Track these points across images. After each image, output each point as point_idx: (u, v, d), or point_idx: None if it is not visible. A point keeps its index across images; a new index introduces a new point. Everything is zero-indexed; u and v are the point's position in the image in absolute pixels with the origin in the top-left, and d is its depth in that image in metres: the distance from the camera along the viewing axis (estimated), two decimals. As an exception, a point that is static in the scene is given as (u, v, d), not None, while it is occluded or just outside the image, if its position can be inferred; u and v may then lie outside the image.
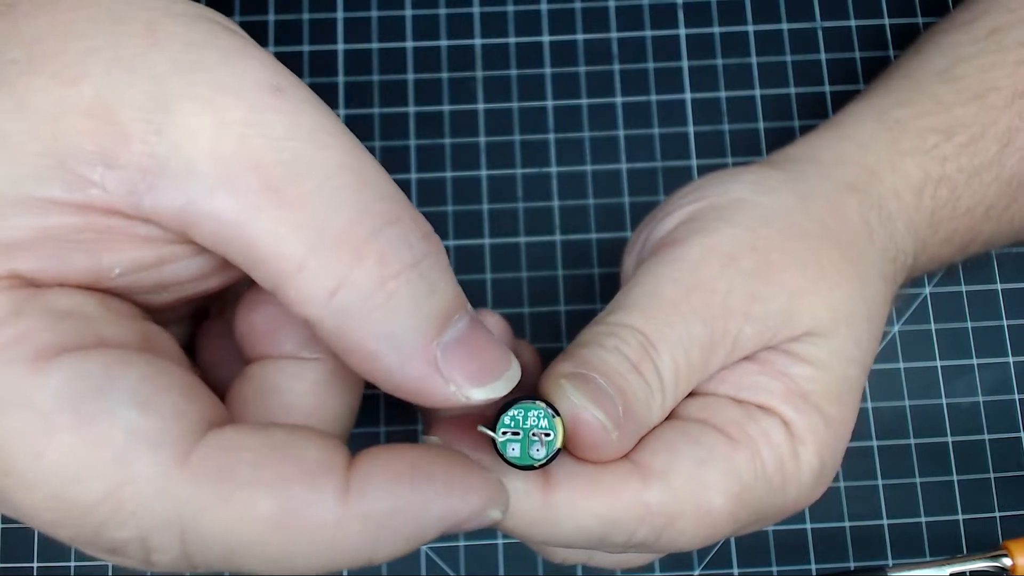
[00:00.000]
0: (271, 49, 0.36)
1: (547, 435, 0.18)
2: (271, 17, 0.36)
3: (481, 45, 0.36)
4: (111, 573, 0.31)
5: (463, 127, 0.35)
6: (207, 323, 0.20)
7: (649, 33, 0.36)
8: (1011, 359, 0.33)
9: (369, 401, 0.33)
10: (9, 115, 0.14)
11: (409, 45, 0.36)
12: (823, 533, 0.32)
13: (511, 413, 0.17)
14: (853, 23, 0.37)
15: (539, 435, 0.17)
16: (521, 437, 0.17)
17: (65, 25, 0.14)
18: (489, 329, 0.16)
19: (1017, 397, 0.33)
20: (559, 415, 0.18)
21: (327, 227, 0.14)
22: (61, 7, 0.14)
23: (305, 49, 0.36)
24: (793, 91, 0.36)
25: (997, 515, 0.32)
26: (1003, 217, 0.27)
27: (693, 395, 0.21)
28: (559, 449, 0.18)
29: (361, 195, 0.15)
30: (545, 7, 0.37)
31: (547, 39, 0.36)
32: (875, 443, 0.33)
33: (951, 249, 0.27)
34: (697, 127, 0.36)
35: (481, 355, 0.16)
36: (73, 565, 0.31)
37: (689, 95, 0.36)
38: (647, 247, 0.24)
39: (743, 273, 0.21)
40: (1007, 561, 0.29)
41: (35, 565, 0.31)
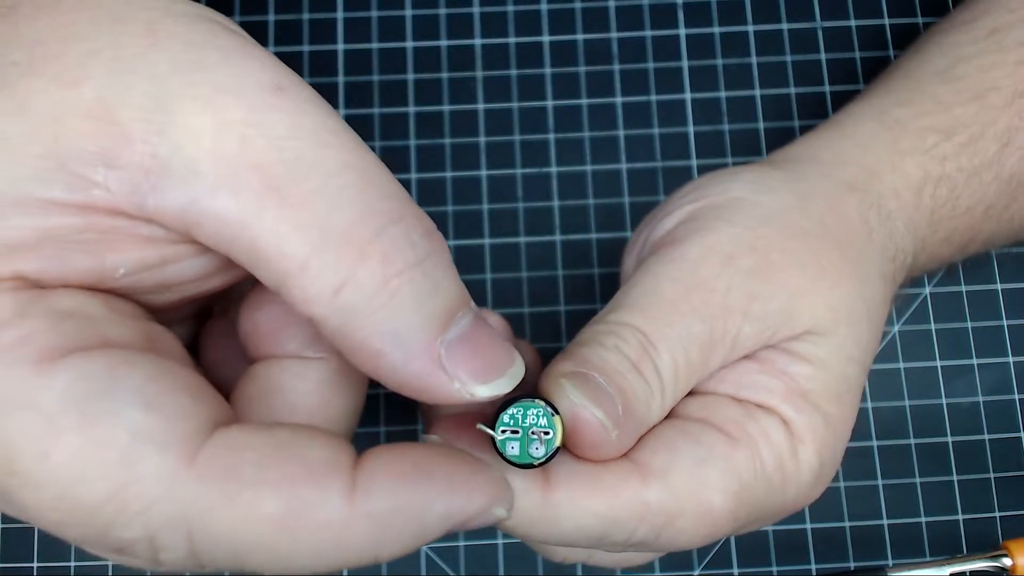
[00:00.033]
0: (271, 49, 0.36)
1: (546, 434, 0.18)
2: (271, 17, 0.36)
3: (481, 45, 0.36)
4: (111, 573, 0.31)
5: (463, 127, 0.35)
6: (211, 322, 0.20)
7: (649, 33, 0.36)
8: (1011, 359, 0.33)
9: (370, 401, 0.33)
10: (10, 117, 0.14)
11: (409, 45, 0.36)
12: (823, 533, 0.32)
13: (510, 411, 0.17)
14: (853, 23, 0.37)
15: (538, 434, 0.18)
16: (520, 436, 0.17)
17: (66, 27, 0.14)
18: (492, 326, 0.16)
19: (1017, 397, 0.33)
20: (558, 414, 0.18)
21: (330, 226, 0.14)
22: (62, 9, 0.14)
23: (305, 49, 0.36)
24: (793, 91, 0.36)
25: (997, 515, 0.32)
26: (1003, 216, 0.27)
27: (693, 394, 0.21)
28: (558, 448, 0.18)
29: (364, 194, 0.15)
30: (545, 7, 0.37)
31: (547, 39, 0.36)
32: (875, 443, 0.33)
33: (951, 248, 0.27)
34: (697, 127, 0.36)
35: (485, 352, 0.16)
36: (73, 565, 0.31)
37: (689, 95, 0.36)
38: (647, 247, 0.24)
39: (742, 272, 0.21)
40: (1007, 561, 0.29)
41: (35, 565, 0.31)
